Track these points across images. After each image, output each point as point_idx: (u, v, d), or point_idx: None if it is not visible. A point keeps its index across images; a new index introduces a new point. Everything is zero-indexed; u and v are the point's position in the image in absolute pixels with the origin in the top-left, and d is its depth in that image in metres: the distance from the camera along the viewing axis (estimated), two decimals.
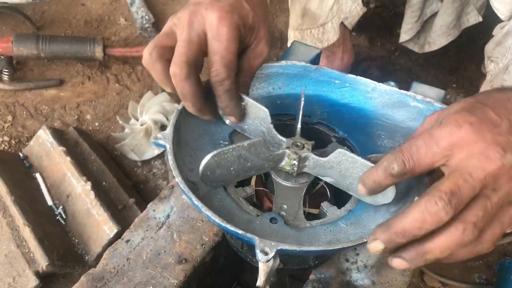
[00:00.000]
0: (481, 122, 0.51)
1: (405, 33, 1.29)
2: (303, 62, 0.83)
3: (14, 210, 1.00)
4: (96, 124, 1.33)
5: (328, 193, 0.78)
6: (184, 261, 0.81)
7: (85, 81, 1.41)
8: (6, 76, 1.34)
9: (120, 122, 1.26)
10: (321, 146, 0.80)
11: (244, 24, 0.66)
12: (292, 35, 1.13)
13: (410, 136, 0.64)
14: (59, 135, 1.18)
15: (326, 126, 0.82)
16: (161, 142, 0.70)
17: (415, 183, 0.68)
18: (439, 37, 1.26)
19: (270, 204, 0.75)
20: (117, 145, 1.23)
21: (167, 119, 1.25)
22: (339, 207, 0.73)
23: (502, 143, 0.50)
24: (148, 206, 0.90)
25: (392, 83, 0.82)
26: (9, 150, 1.24)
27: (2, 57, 1.31)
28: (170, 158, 0.68)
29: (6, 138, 1.26)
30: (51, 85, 1.38)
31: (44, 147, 1.15)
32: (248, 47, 0.70)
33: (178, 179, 0.65)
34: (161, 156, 1.24)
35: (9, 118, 1.30)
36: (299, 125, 0.76)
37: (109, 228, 1.00)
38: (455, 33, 1.26)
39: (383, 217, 0.69)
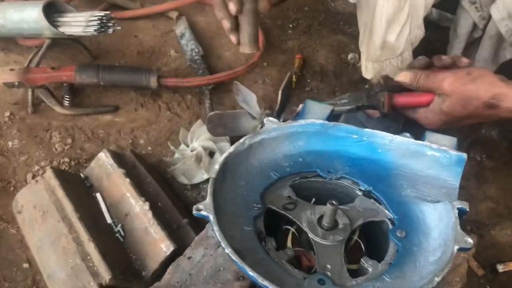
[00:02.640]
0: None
1: None
2: (321, 120, 0.90)
3: (79, 226, 1.08)
4: (149, 148, 1.41)
5: (363, 247, 0.83)
6: (241, 278, 0.87)
7: (138, 108, 1.50)
8: (67, 102, 1.44)
9: (172, 147, 1.35)
10: (348, 200, 0.86)
11: None
12: (370, 67, 1.20)
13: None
14: (118, 158, 1.26)
15: (350, 180, 0.88)
16: (204, 213, 0.75)
17: (452, 234, 0.73)
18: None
19: (308, 262, 0.80)
20: (169, 169, 1.31)
21: (215, 145, 1.33)
22: (375, 259, 0.77)
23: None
24: (207, 225, 0.97)
25: (407, 134, 0.89)
26: (69, 170, 1.33)
27: (65, 84, 1.42)
28: (216, 229, 0.73)
29: (66, 159, 1.35)
30: (107, 111, 1.48)
31: (104, 168, 1.23)
32: None
33: (228, 250, 0.70)
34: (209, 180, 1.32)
35: (69, 140, 1.40)
36: None
37: (165, 246, 1.07)
38: (493, 68, 1.32)
39: (424, 268, 0.74)
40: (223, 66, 1.64)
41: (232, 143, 1.01)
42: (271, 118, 0.89)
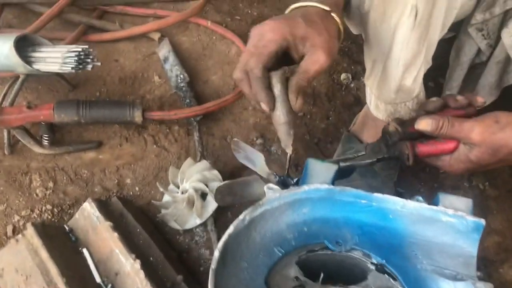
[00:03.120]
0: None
1: (450, 91, 1.29)
2: (326, 185, 0.82)
3: None
4: (137, 188, 1.33)
5: None
6: None
7: (123, 142, 1.41)
8: (46, 141, 1.35)
9: (161, 189, 1.27)
10: (360, 276, 0.80)
11: (294, 34, 0.84)
12: (382, 107, 1.14)
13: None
14: (104, 207, 1.19)
15: (361, 252, 0.82)
16: None
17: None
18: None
19: None
20: (159, 214, 1.24)
21: (207, 186, 1.25)
22: None
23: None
24: None
25: (420, 198, 0.83)
26: (53, 219, 1.25)
27: (42, 123, 1.32)
28: None
29: (48, 206, 1.27)
30: (90, 147, 1.39)
31: (90, 221, 1.15)
32: (305, 55, 0.86)
33: None
34: (202, 223, 1.25)
35: (50, 184, 1.31)
36: None
37: None
38: (497, 93, 1.27)
39: None
40: (210, 91, 1.55)
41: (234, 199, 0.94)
42: (271, 185, 0.82)
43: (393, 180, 1.25)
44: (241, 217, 0.76)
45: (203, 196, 1.26)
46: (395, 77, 1.04)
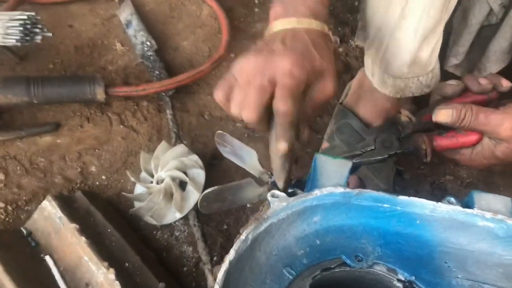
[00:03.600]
0: None
1: (455, 57, 1.15)
2: (341, 188, 0.69)
3: None
4: (103, 177, 1.16)
5: None
6: None
7: (84, 123, 1.23)
8: None
9: (132, 179, 1.10)
10: None
11: (313, 70, 0.72)
12: (390, 82, 0.99)
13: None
14: (67, 204, 1.01)
15: (385, 267, 0.69)
16: None
17: None
18: (491, 64, 1.13)
19: None
20: (132, 209, 1.08)
21: (186, 175, 1.10)
22: None
23: None
24: None
25: (452, 199, 0.70)
26: (7, 219, 1.07)
27: None
28: None
29: (1, 204, 1.09)
30: (46, 131, 1.20)
31: (51, 222, 0.98)
32: (313, 88, 0.75)
33: None
34: (184, 216, 1.10)
35: (1, 176, 1.12)
36: None
37: None
38: (508, 58, 1.14)
39: None
40: (182, 60, 1.37)
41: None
42: (277, 193, 0.67)
43: (391, 176, 1.12)
44: (242, 237, 0.61)
45: (182, 186, 1.10)
46: (410, 49, 0.89)
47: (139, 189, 1.12)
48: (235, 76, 0.72)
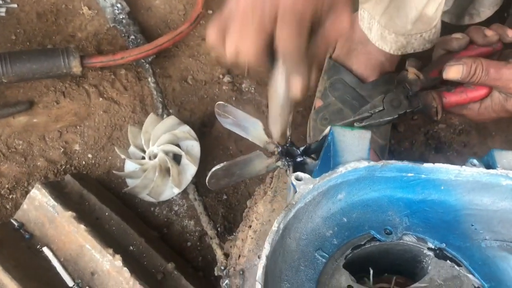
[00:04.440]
0: None
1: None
2: (365, 162, 0.66)
3: None
4: (89, 156, 1.09)
5: None
6: None
7: (60, 98, 1.14)
8: None
9: (123, 156, 1.05)
10: (412, 260, 0.68)
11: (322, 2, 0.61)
12: (392, 39, 0.95)
13: None
14: (58, 191, 0.95)
15: (414, 237, 0.67)
16: None
17: None
18: (485, 8, 1.10)
19: None
20: (126, 189, 1.03)
21: (179, 147, 1.05)
22: None
23: None
24: None
25: (474, 161, 0.69)
26: None
27: None
28: None
29: None
30: (19, 110, 1.11)
31: (44, 211, 0.92)
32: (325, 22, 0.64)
33: None
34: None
35: None
36: None
37: None
38: (502, 0, 1.11)
39: None
40: (156, 21, 1.28)
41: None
42: (300, 175, 0.63)
43: (389, 131, 1.10)
44: (274, 228, 0.58)
45: (176, 159, 1.05)
46: (416, 6, 0.85)
47: (130, 165, 1.06)
48: (230, 9, 0.62)
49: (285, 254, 0.61)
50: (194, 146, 1.05)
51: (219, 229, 1.02)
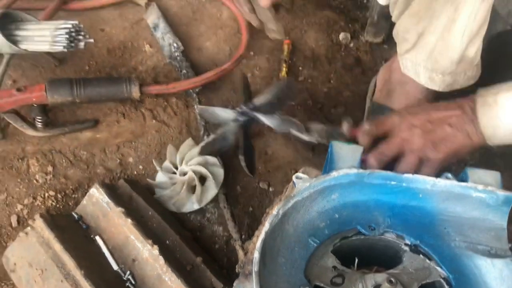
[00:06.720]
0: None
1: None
2: (355, 169, 0.81)
3: (85, 284, 0.98)
4: (140, 167, 1.29)
5: None
6: None
7: (120, 119, 1.36)
8: (40, 123, 1.28)
9: (158, 168, 1.23)
10: (391, 255, 0.80)
11: None
12: (439, 79, 1.12)
13: None
14: (112, 191, 1.15)
15: (394, 234, 0.81)
16: None
17: None
18: None
19: None
20: (156, 195, 1.21)
21: (207, 170, 1.22)
22: None
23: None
24: (234, 284, 0.89)
25: (449, 175, 0.82)
26: (57, 206, 1.21)
27: (34, 105, 1.25)
28: None
29: (51, 192, 1.22)
30: (86, 127, 1.33)
31: (99, 207, 1.12)
32: None
33: None
34: (213, 200, 1.22)
35: (49, 168, 1.26)
36: None
37: None
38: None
39: None
40: (205, 60, 1.49)
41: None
42: (300, 175, 0.79)
43: None
44: (274, 212, 0.74)
45: (201, 180, 1.23)
46: (457, 49, 1.02)
47: (161, 177, 1.24)
48: None
49: (284, 236, 0.77)
50: (220, 173, 1.22)
51: (243, 236, 1.18)
